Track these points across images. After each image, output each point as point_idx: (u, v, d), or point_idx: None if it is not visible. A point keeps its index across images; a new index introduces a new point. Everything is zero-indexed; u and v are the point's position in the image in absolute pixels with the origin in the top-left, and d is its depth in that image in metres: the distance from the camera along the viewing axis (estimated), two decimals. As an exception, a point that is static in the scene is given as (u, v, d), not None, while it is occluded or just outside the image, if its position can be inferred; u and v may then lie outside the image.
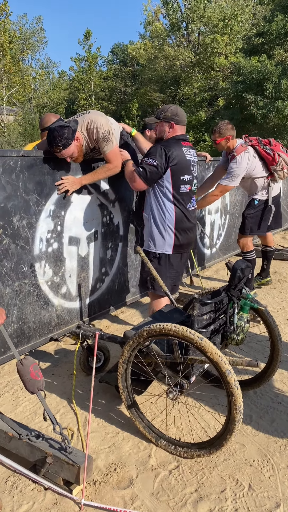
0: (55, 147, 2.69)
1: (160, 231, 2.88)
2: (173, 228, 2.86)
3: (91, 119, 2.84)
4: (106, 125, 2.86)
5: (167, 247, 2.89)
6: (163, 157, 2.74)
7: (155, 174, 2.77)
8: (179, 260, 2.99)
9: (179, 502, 1.88)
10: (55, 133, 2.67)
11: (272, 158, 4.11)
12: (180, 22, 28.91)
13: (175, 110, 2.89)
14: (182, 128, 2.94)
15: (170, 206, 2.84)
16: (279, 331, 2.51)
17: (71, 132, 2.71)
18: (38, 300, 2.86)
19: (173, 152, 2.77)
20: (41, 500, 1.86)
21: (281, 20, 17.66)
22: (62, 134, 2.66)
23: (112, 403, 2.58)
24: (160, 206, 2.85)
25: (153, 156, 2.76)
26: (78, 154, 2.83)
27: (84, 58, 35.38)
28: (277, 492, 1.94)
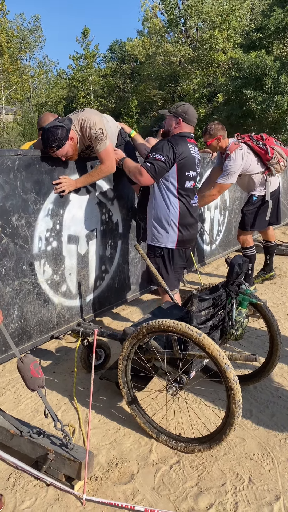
0: (49, 148, 2.71)
1: (164, 226, 2.91)
2: (177, 223, 2.90)
3: (85, 117, 2.85)
4: (99, 123, 2.86)
5: (171, 242, 2.93)
6: (171, 153, 2.79)
7: (163, 170, 2.80)
8: (182, 256, 3.03)
9: (179, 496, 1.89)
10: (48, 134, 2.68)
11: (265, 151, 4.11)
12: (178, 18, 28.82)
13: (186, 108, 2.94)
14: (190, 128, 2.98)
15: (174, 201, 2.88)
16: (278, 326, 2.52)
17: (64, 132, 2.72)
18: (38, 298, 2.88)
19: (180, 148, 2.81)
20: (43, 496, 1.89)
21: (279, 14, 17.59)
22: (56, 135, 2.67)
23: (113, 400, 2.60)
24: (165, 201, 2.89)
25: (160, 151, 2.79)
26: (72, 153, 2.84)
27: (82, 56, 35.32)
28: (277, 485, 1.95)
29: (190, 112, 2.94)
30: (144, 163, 2.82)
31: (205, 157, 4.73)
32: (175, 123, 2.95)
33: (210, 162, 4.84)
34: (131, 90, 34.06)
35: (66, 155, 2.81)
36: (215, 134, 4.00)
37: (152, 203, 2.96)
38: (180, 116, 2.92)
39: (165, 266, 2.98)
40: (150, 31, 31.82)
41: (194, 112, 2.97)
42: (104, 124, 2.94)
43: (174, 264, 3.00)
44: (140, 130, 28.48)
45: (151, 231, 2.98)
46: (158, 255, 2.96)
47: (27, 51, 33.48)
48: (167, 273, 2.99)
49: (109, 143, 2.92)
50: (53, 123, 2.76)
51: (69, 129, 2.78)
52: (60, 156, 2.78)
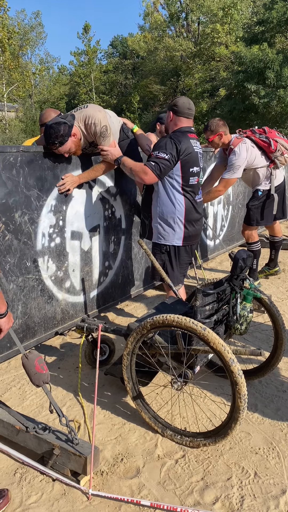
0: (52, 144, 2.70)
1: (170, 224, 2.91)
2: (183, 219, 2.90)
3: (89, 114, 2.84)
4: (103, 120, 2.85)
5: (177, 239, 2.93)
6: (174, 150, 2.76)
7: (168, 168, 2.79)
8: (188, 252, 3.04)
9: (185, 491, 1.90)
10: (51, 130, 2.67)
11: (268, 144, 4.09)
12: (179, 13, 28.63)
13: (176, 100, 2.92)
14: (188, 121, 2.93)
15: (180, 198, 2.87)
16: (282, 320, 2.51)
17: (67, 129, 2.71)
18: (42, 295, 2.88)
19: (183, 145, 2.79)
20: (49, 491, 1.89)
21: (281, 7, 17.44)
22: (58, 131, 2.67)
23: (118, 395, 2.60)
24: (170, 198, 2.88)
25: (163, 149, 2.76)
26: (75, 149, 2.83)
27: (84, 52, 35.18)
28: (283, 479, 1.95)
29: (180, 103, 2.88)
30: (148, 162, 2.79)
31: (208, 151, 4.71)
32: (168, 117, 2.95)
33: (213, 156, 4.81)
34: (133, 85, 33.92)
35: (68, 152, 2.80)
36: (217, 131, 3.97)
37: (156, 201, 2.94)
38: (171, 109, 2.92)
39: (171, 263, 2.98)
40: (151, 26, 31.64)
41: (185, 103, 2.89)
42: (108, 120, 2.93)
43: (180, 261, 3.00)
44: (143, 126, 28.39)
45: (157, 229, 2.96)
46: (164, 252, 2.96)
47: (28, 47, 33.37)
48: (172, 270, 2.98)
49: (113, 140, 2.92)
50: (55, 119, 2.75)
51: (72, 125, 2.76)
52: (63, 153, 2.78)
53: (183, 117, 2.90)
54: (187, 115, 2.91)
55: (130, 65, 36.59)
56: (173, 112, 2.90)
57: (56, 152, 2.76)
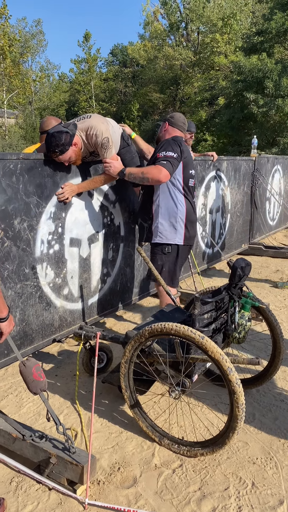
0: (52, 152, 2.71)
1: (172, 223, 2.99)
2: (184, 220, 2.99)
3: (91, 125, 2.85)
4: (105, 132, 2.86)
5: (179, 238, 3.01)
6: (178, 150, 2.89)
7: (176, 166, 2.89)
8: (186, 253, 3.13)
9: (182, 501, 1.88)
10: (52, 139, 2.69)
11: None
12: (179, 22, 28.91)
13: (173, 114, 3.16)
14: (180, 133, 3.11)
15: (181, 199, 2.98)
16: (280, 329, 2.51)
17: (69, 138, 2.72)
18: (40, 302, 2.87)
19: (183, 147, 2.94)
20: (45, 500, 1.88)
21: (280, 18, 17.62)
22: (60, 140, 2.68)
23: (115, 403, 2.59)
24: (172, 198, 2.97)
25: (170, 149, 2.87)
26: (75, 158, 2.84)
27: (84, 60, 35.43)
28: (281, 490, 1.94)
29: (176, 117, 3.10)
30: (159, 162, 2.84)
31: (207, 160, 4.74)
32: (163, 127, 3.12)
33: (211, 165, 4.84)
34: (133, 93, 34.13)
35: (69, 161, 2.81)
36: None
37: (158, 202, 3.01)
38: (167, 120, 3.10)
39: (172, 263, 3.04)
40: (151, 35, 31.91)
41: (181, 117, 3.12)
42: (110, 132, 2.94)
43: (179, 261, 3.07)
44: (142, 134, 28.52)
45: (158, 229, 3.02)
46: (166, 252, 3.02)
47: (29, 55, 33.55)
48: (173, 270, 3.06)
49: (114, 152, 2.93)
50: (57, 128, 2.76)
51: (74, 134, 2.78)
52: (63, 161, 2.79)
53: (177, 128, 3.08)
54: (181, 128, 3.10)
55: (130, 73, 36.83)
56: (169, 123, 3.08)
57: (56, 160, 2.77)
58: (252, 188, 6.09)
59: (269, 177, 6.70)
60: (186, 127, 3.13)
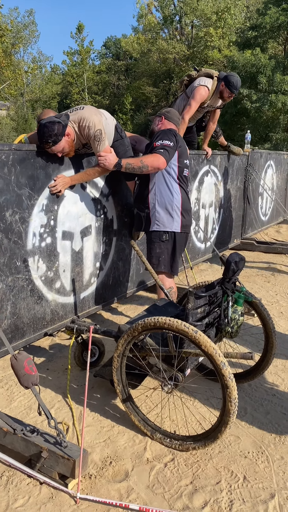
0: (45, 143, 2.67)
1: (168, 211, 3.03)
2: (180, 208, 3.04)
3: (84, 116, 2.81)
4: (98, 124, 2.82)
5: (176, 225, 3.05)
6: (174, 139, 2.95)
7: (172, 153, 2.95)
8: (184, 240, 3.18)
9: (174, 495, 1.88)
10: (45, 129, 2.64)
11: None
12: (173, 15, 28.75)
13: (168, 109, 3.26)
14: (174, 126, 3.16)
15: (176, 187, 3.03)
16: (273, 324, 2.51)
17: (61, 128, 2.68)
18: (32, 295, 2.84)
19: (178, 137, 3.01)
20: (36, 494, 1.86)
21: (274, 13, 17.59)
22: (52, 131, 2.63)
23: (107, 397, 2.58)
24: (168, 187, 3.02)
25: (166, 138, 2.93)
26: (69, 150, 2.80)
27: (77, 52, 35.12)
28: (272, 483, 1.95)
29: (172, 112, 3.22)
30: (157, 150, 2.90)
31: (200, 154, 4.72)
32: (159, 121, 3.17)
33: (205, 159, 4.82)
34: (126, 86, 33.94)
35: (62, 151, 2.77)
36: None
37: (154, 190, 3.05)
38: (163, 115, 3.17)
39: (170, 250, 3.07)
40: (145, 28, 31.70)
41: (176, 112, 3.22)
42: (103, 124, 2.90)
43: (178, 248, 3.10)
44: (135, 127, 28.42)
45: (156, 217, 3.06)
46: (164, 240, 3.05)
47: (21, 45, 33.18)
48: (172, 257, 3.09)
49: (107, 144, 2.90)
50: (49, 118, 2.72)
51: (66, 125, 2.74)
52: (56, 152, 2.75)
53: (172, 123, 3.15)
54: (176, 122, 3.18)
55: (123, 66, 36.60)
56: (165, 117, 3.16)
57: (49, 151, 2.73)
58: (245, 183, 6.09)
59: (262, 172, 6.71)
60: (180, 121, 3.23)
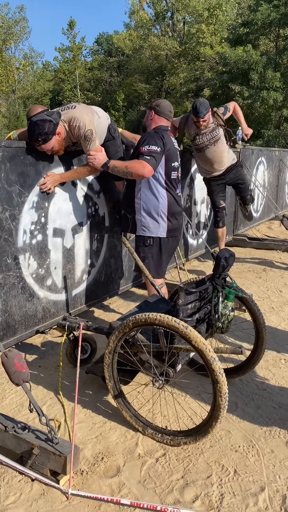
0: (35, 141, 2.66)
1: (154, 217, 2.98)
2: (166, 213, 2.98)
3: (75, 116, 2.80)
4: (89, 124, 2.81)
5: (161, 231, 3.01)
6: (161, 143, 2.87)
7: (159, 159, 2.88)
8: (171, 244, 3.13)
9: (165, 489, 1.90)
10: (35, 127, 2.63)
11: None
12: (165, 12, 28.68)
13: (159, 102, 3.09)
14: (167, 122, 3.07)
15: (162, 192, 2.96)
16: (263, 319, 2.53)
17: (52, 127, 2.67)
18: (23, 292, 2.84)
19: (166, 139, 2.91)
20: (28, 491, 1.87)
21: (266, 9, 17.62)
22: (43, 129, 2.62)
23: (99, 394, 2.59)
24: (153, 192, 2.96)
25: (153, 142, 2.85)
26: (58, 148, 2.79)
27: (69, 48, 34.91)
28: (262, 476, 1.97)
29: (163, 105, 3.04)
30: (143, 157, 2.81)
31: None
32: (150, 116, 3.06)
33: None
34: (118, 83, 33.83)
35: (51, 150, 2.76)
36: None
37: (139, 195, 2.99)
38: (153, 109, 3.05)
39: (154, 255, 3.04)
40: (137, 24, 31.59)
41: (168, 105, 3.07)
42: (94, 123, 2.89)
43: (164, 253, 3.07)
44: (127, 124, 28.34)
45: (141, 222, 3.01)
46: (148, 244, 3.02)
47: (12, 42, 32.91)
48: (157, 261, 3.05)
49: (98, 144, 2.89)
50: (41, 116, 2.70)
51: (57, 123, 2.73)
52: (46, 151, 2.74)
53: (163, 117, 3.04)
54: (168, 116, 3.06)
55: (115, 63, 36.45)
56: (155, 111, 3.03)
57: (38, 149, 2.72)
58: (236, 179, 6.09)
59: (254, 169, 6.73)
60: (172, 115, 3.10)
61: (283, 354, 3.11)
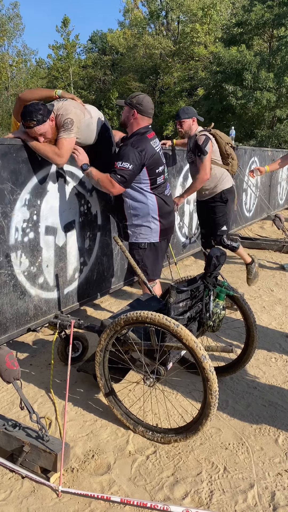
0: (30, 121, 2.61)
1: (145, 223, 2.96)
2: (157, 215, 2.96)
3: (64, 106, 2.81)
4: (73, 115, 2.80)
5: (154, 235, 2.99)
6: (137, 159, 2.76)
7: (132, 177, 2.81)
8: (165, 245, 3.14)
9: (156, 486, 1.91)
10: (30, 107, 2.63)
11: None
12: (159, 11, 28.64)
13: (141, 99, 2.88)
14: (148, 120, 2.94)
15: (151, 197, 2.93)
16: (254, 318, 2.55)
17: (46, 110, 2.68)
18: (15, 290, 2.83)
19: (146, 151, 2.80)
20: (18, 488, 1.87)
21: (260, 10, 17.70)
22: (39, 110, 2.62)
23: (90, 392, 2.59)
24: (141, 199, 2.92)
25: (126, 160, 2.75)
26: (51, 136, 2.77)
27: (62, 46, 34.73)
28: (251, 474, 1.99)
29: (145, 103, 2.88)
30: (113, 174, 2.76)
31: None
32: (131, 115, 2.89)
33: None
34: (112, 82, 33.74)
35: (45, 136, 2.72)
36: None
37: (128, 204, 2.95)
38: (135, 108, 2.87)
39: (150, 257, 3.03)
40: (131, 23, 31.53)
41: (149, 102, 2.91)
42: (80, 119, 2.87)
43: (158, 254, 3.07)
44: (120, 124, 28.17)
45: (133, 231, 2.99)
46: (143, 247, 3.01)
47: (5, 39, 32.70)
48: (152, 263, 3.05)
49: (72, 137, 2.81)
50: (35, 102, 2.73)
51: (51, 110, 2.75)
52: (38, 135, 2.68)
53: (146, 116, 2.91)
54: (150, 115, 2.93)
55: (109, 61, 36.36)
56: (138, 111, 2.86)
57: (31, 132, 2.64)
58: (229, 179, 6.12)
59: (246, 168, 6.76)
60: (153, 111, 2.96)
61: (274, 353, 3.13)
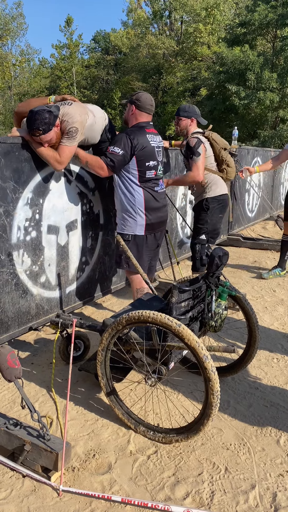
0: (36, 130, 2.63)
1: (131, 214, 3.01)
2: (143, 209, 3.00)
3: (68, 112, 2.80)
4: (78, 123, 2.80)
5: (139, 228, 3.02)
6: (128, 146, 2.87)
7: (122, 162, 2.90)
8: (152, 240, 3.13)
9: (157, 486, 1.90)
10: (37, 116, 2.62)
11: None
12: (162, 10, 28.65)
13: (139, 95, 3.01)
14: (147, 116, 3.04)
15: (138, 189, 2.99)
16: (256, 318, 2.54)
17: (52, 118, 2.67)
18: (17, 289, 2.83)
19: (138, 140, 2.90)
20: (19, 487, 1.87)
21: (263, 10, 17.67)
22: (45, 119, 2.62)
23: (92, 391, 2.59)
24: (129, 190, 2.98)
25: (118, 144, 2.87)
26: (56, 141, 2.78)
27: (66, 46, 34.78)
28: (253, 474, 1.98)
29: (143, 99, 2.98)
30: (103, 157, 2.89)
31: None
32: (130, 110, 3.03)
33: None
34: (115, 81, 33.75)
35: (49, 142, 2.74)
36: None
37: (117, 193, 3.04)
38: (133, 103, 2.99)
39: (132, 250, 3.02)
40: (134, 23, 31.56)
41: (148, 99, 3.00)
42: (84, 125, 2.87)
43: (143, 249, 3.08)
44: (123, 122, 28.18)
45: (119, 220, 3.08)
46: (126, 239, 3.03)
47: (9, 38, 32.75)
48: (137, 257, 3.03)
49: (74, 145, 2.84)
50: (41, 107, 2.71)
51: (57, 116, 2.73)
52: (44, 142, 2.71)
53: (144, 112, 3.01)
54: (149, 111, 3.02)
55: (112, 61, 36.37)
56: (136, 106, 2.99)
57: (37, 140, 2.67)
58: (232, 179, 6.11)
59: (249, 169, 6.74)
60: (153, 108, 3.05)
61: (276, 354, 3.12)
